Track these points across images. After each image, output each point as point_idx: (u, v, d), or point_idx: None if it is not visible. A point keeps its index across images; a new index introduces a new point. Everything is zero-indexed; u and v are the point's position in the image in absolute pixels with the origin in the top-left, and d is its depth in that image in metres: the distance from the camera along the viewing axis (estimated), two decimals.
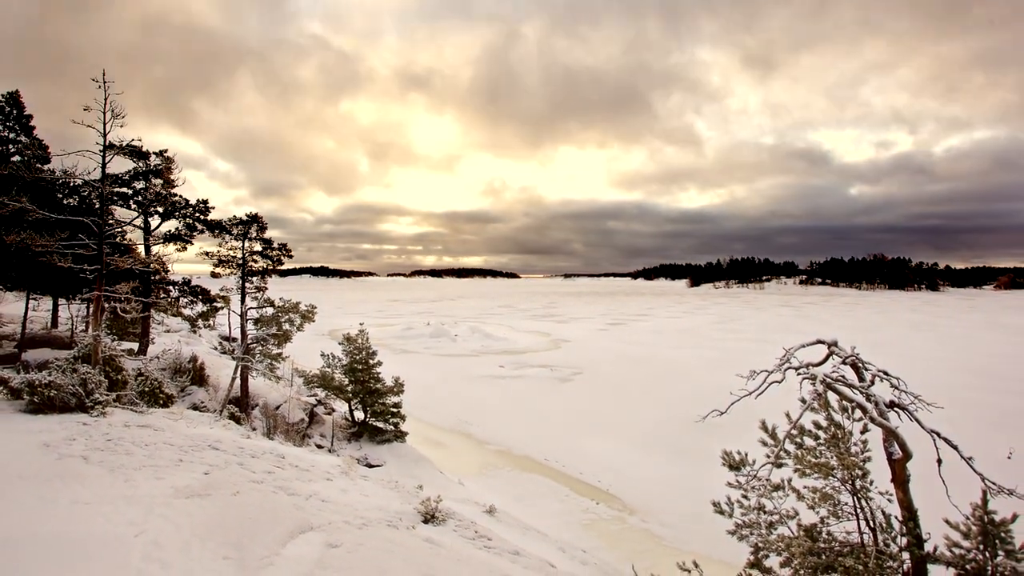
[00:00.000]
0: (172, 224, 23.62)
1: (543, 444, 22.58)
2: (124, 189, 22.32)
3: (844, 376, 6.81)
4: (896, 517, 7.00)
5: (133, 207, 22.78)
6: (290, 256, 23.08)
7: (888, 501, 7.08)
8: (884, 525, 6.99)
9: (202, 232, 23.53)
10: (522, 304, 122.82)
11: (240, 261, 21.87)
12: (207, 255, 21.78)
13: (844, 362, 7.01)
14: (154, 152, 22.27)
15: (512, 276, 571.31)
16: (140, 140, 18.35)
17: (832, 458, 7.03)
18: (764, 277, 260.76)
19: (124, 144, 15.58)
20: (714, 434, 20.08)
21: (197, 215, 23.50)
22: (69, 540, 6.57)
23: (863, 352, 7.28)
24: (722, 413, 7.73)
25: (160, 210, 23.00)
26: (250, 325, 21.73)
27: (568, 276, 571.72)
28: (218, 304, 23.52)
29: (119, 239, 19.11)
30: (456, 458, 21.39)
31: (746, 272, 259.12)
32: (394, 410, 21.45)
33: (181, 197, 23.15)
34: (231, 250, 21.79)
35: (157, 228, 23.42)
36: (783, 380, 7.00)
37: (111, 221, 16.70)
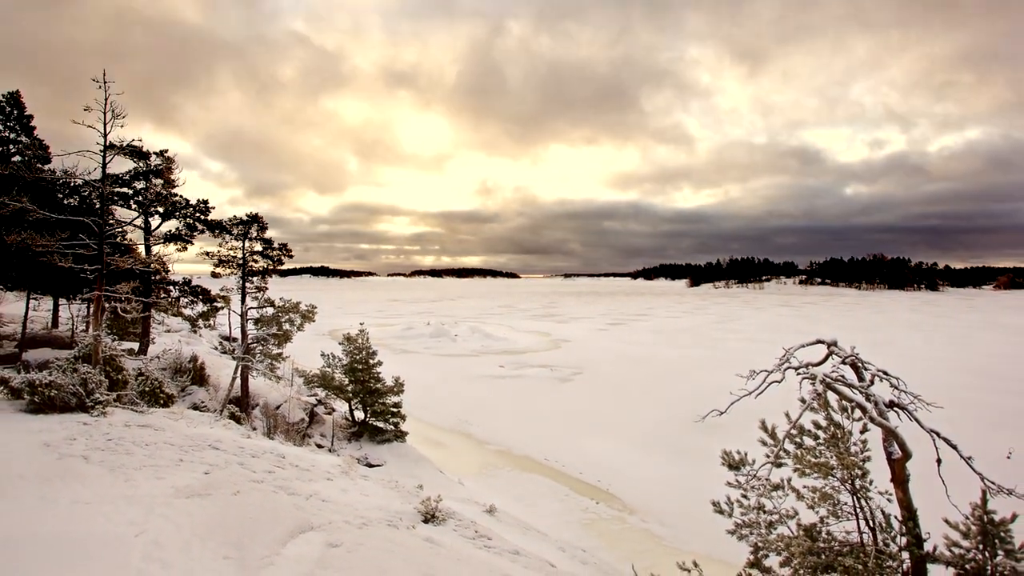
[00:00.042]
0: (172, 224, 23.67)
1: (543, 444, 22.59)
2: (124, 189, 22.35)
3: (844, 376, 6.82)
4: (896, 517, 7.01)
5: (133, 207, 22.80)
6: (290, 256, 23.11)
7: (888, 501, 7.09)
8: (884, 525, 7.00)
9: (202, 232, 23.55)
10: (522, 304, 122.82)
11: (240, 261, 21.89)
12: (207, 255, 21.80)
13: (844, 362, 7.02)
14: (154, 152, 22.30)
15: (512, 276, 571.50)
16: (140, 140, 18.38)
17: (832, 458, 7.05)
18: (764, 277, 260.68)
19: (124, 144, 15.60)
20: (714, 434, 20.10)
21: (197, 215, 23.52)
22: (70, 540, 6.58)
23: (863, 352, 7.29)
24: (722, 413, 7.74)
25: (160, 210, 23.02)
26: (250, 325, 21.75)
27: (568, 276, 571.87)
28: (218, 304, 23.53)
29: (119, 239, 19.13)
30: (456, 458, 21.40)
31: (746, 272, 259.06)
32: (394, 410, 21.47)
33: (181, 197, 23.18)
34: (231, 250, 21.82)
35: (157, 228, 23.44)
36: (783, 380, 7.01)
37: (111, 221, 16.71)
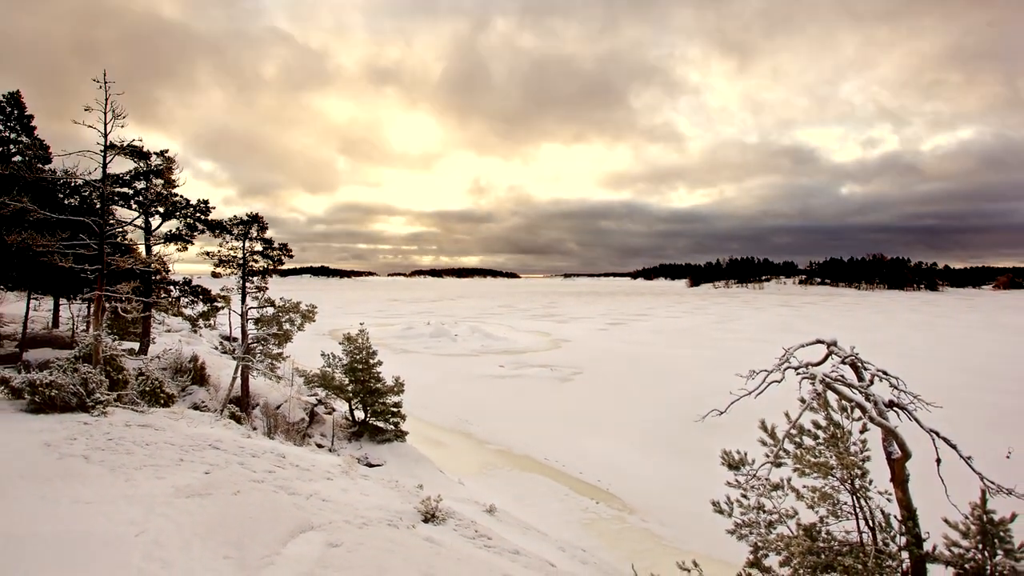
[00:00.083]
0: (173, 224, 23.70)
1: (543, 443, 22.59)
2: (125, 189, 22.36)
3: (843, 376, 6.83)
4: (895, 516, 7.01)
5: (134, 207, 22.81)
6: (290, 256, 23.12)
7: (887, 500, 7.09)
8: (883, 524, 7.01)
9: (203, 232, 23.57)
10: (522, 304, 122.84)
11: (241, 261, 21.90)
12: (208, 255, 21.82)
13: (843, 362, 7.02)
14: (155, 152, 22.31)
15: (512, 276, 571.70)
16: (141, 140, 18.39)
17: (831, 457, 7.05)
18: (763, 277, 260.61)
19: (125, 144, 15.61)
20: (714, 434, 20.10)
21: (198, 215, 23.54)
22: (70, 539, 6.59)
23: (862, 352, 7.30)
24: (722, 413, 7.75)
25: (161, 210, 23.04)
26: (251, 325, 21.76)
27: (568, 276, 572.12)
28: (219, 304, 23.55)
29: (120, 239, 19.14)
30: (456, 458, 21.41)
31: (745, 272, 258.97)
32: (394, 410, 21.47)
33: (182, 197, 23.20)
34: (232, 250, 21.82)
35: (158, 228, 23.47)
36: (782, 380, 7.02)
37: (112, 221, 16.72)
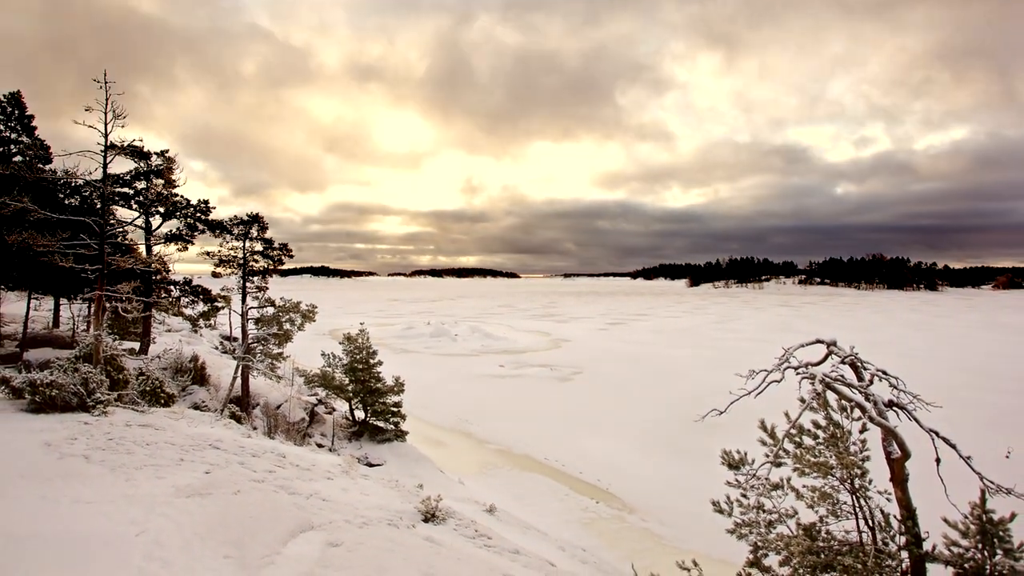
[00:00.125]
0: (173, 224, 23.71)
1: (543, 443, 22.60)
2: (125, 189, 22.38)
3: (843, 375, 6.84)
4: (895, 516, 7.03)
5: (134, 207, 22.83)
6: (291, 256, 23.13)
7: (887, 500, 7.11)
8: (883, 524, 7.02)
9: (203, 232, 23.58)
10: (522, 304, 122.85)
11: (241, 261, 21.90)
12: (208, 255, 21.81)
13: (843, 361, 7.03)
14: (155, 152, 22.33)
15: (512, 276, 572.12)
16: (141, 140, 18.40)
17: (831, 457, 7.07)
18: (763, 277, 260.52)
19: (125, 144, 15.61)
20: (713, 433, 20.12)
21: (198, 215, 23.55)
22: (71, 539, 6.59)
23: (862, 352, 7.31)
24: (721, 412, 7.76)
25: (161, 210, 23.05)
26: (251, 325, 21.76)
27: (568, 276, 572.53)
28: (219, 304, 23.56)
29: (120, 239, 19.14)
30: (456, 457, 21.42)
31: (745, 272, 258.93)
32: (394, 409, 21.48)
33: (182, 197, 23.22)
34: (232, 250, 21.82)
35: (158, 228, 23.49)
36: (782, 380, 7.03)
37: (112, 221, 16.71)
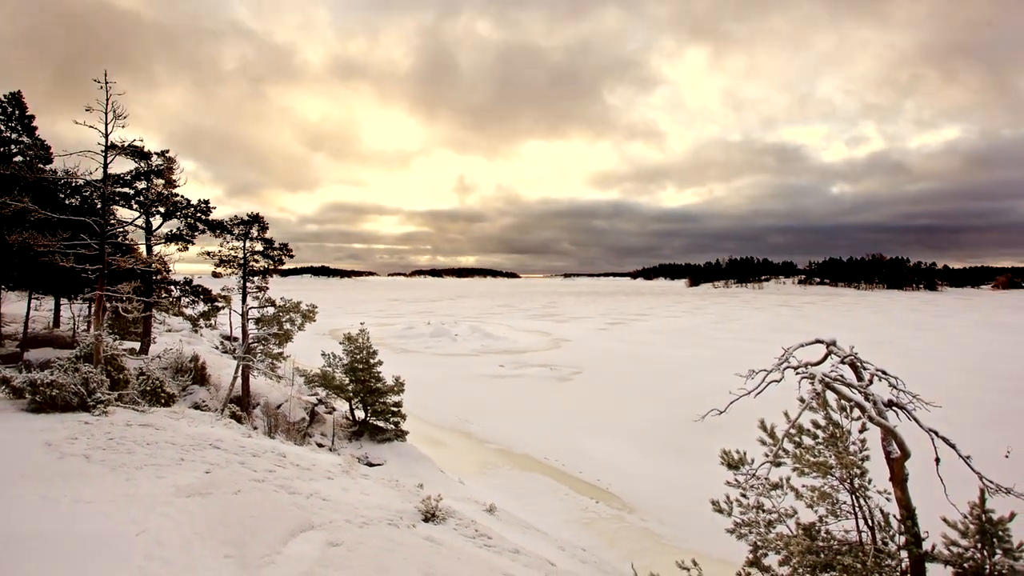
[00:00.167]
0: (173, 224, 23.70)
1: (543, 443, 22.62)
2: (126, 189, 22.39)
3: (843, 375, 6.84)
4: (894, 516, 7.03)
5: (135, 207, 22.84)
6: (291, 256, 23.14)
7: (886, 500, 7.11)
8: (882, 524, 7.03)
9: (203, 232, 23.58)
10: (522, 304, 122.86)
11: (241, 261, 21.91)
12: (208, 255, 21.82)
13: (843, 361, 7.04)
14: (156, 152, 22.34)
15: (512, 276, 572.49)
16: (142, 140, 18.41)
17: (830, 457, 7.08)
18: (763, 277, 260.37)
19: (126, 144, 15.62)
20: (713, 433, 20.13)
21: (198, 215, 23.56)
22: (71, 538, 6.60)
23: (861, 351, 7.32)
24: (721, 412, 7.77)
25: (161, 210, 23.06)
26: (251, 324, 21.77)
27: (568, 276, 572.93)
28: (219, 304, 23.57)
29: (121, 239, 19.15)
30: (456, 457, 21.43)
31: (745, 272, 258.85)
32: (395, 409, 21.49)
33: (182, 197, 23.23)
34: (232, 250, 21.82)
35: (159, 228, 23.49)
36: (782, 379, 7.03)
37: (113, 221, 16.72)
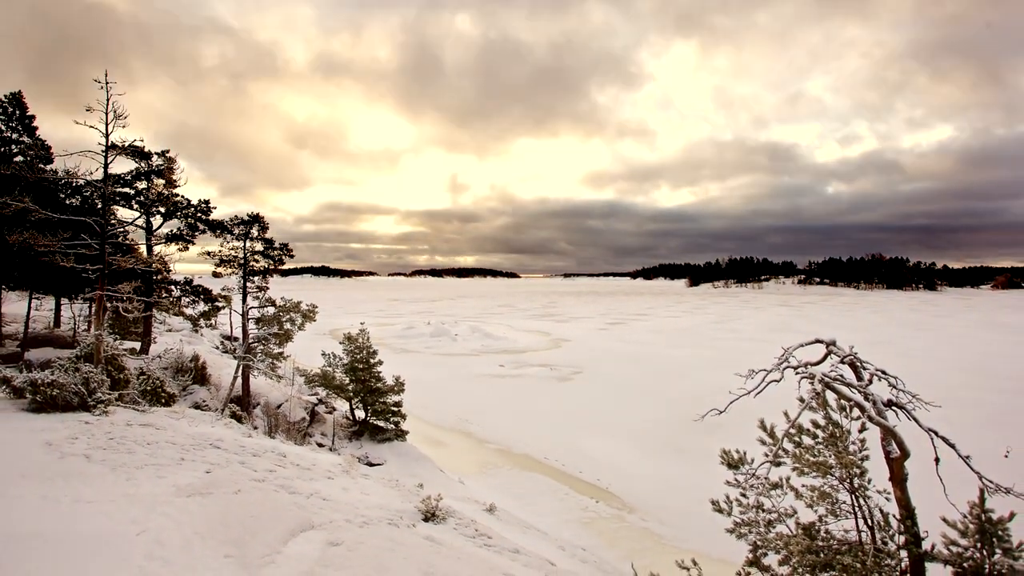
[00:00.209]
0: (174, 224, 23.71)
1: (543, 443, 22.63)
2: (126, 189, 22.40)
3: (842, 375, 6.85)
4: (894, 515, 7.04)
5: (135, 207, 22.85)
6: (291, 256, 23.14)
7: (886, 499, 7.12)
8: (882, 523, 7.04)
9: (204, 232, 23.58)
10: (522, 304, 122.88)
11: (242, 261, 21.92)
12: (209, 255, 21.82)
13: (842, 361, 7.05)
14: (156, 152, 22.36)
15: (512, 276, 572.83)
16: (142, 140, 18.41)
17: (830, 457, 7.09)
18: (762, 277, 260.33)
19: (127, 144, 15.63)
20: (713, 433, 20.15)
21: (199, 215, 23.57)
22: (72, 538, 6.60)
23: (861, 351, 7.33)
24: (721, 412, 7.78)
25: (162, 210, 23.07)
26: (252, 324, 21.77)
27: (568, 276, 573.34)
28: (220, 304, 23.56)
29: (121, 239, 19.16)
30: (456, 457, 21.44)
31: (744, 272, 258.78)
32: (395, 409, 21.50)
33: (183, 197, 23.24)
34: (233, 250, 21.83)
35: (159, 228, 23.50)
36: (782, 379, 7.05)
37: (113, 221, 16.72)
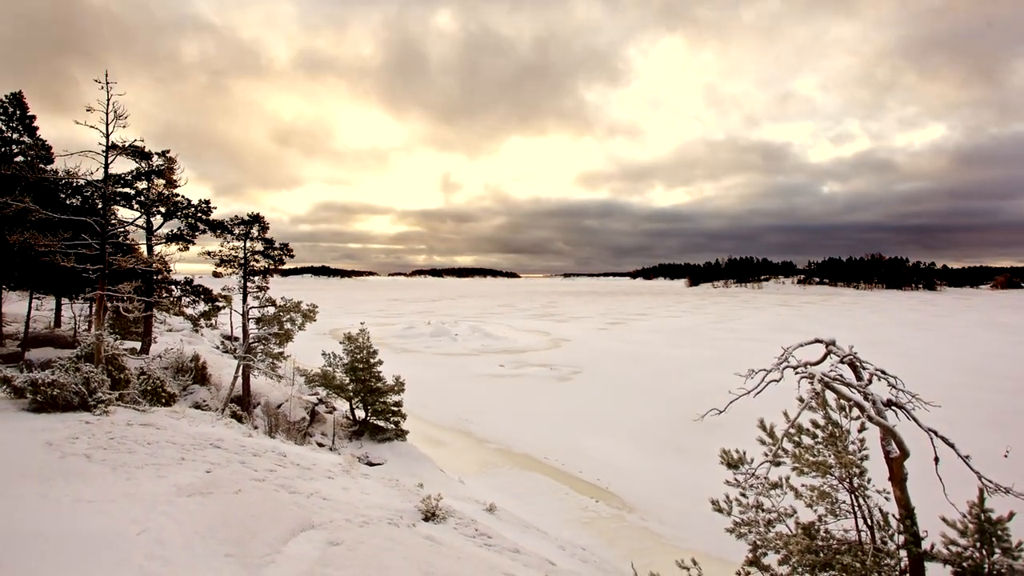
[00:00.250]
0: (174, 224, 23.72)
1: (543, 442, 22.64)
2: (126, 189, 22.41)
3: (842, 375, 6.86)
4: (893, 515, 7.05)
5: (135, 207, 22.86)
6: (292, 256, 23.15)
7: (886, 499, 7.13)
8: (882, 523, 7.05)
9: (204, 232, 23.59)
10: (522, 303, 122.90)
11: (242, 261, 21.92)
12: (209, 255, 21.82)
13: (842, 361, 7.06)
14: (156, 152, 22.36)
15: (512, 276, 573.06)
16: (143, 140, 18.43)
17: (830, 456, 7.10)
18: (762, 277, 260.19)
19: (127, 144, 15.63)
20: (713, 433, 20.16)
21: (199, 215, 23.57)
22: (72, 538, 6.61)
23: (861, 351, 7.34)
24: (721, 412, 7.78)
25: (162, 210, 23.08)
26: (252, 324, 21.78)
27: (567, 276, 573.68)
28: (220, 303, 23.57)
29: (121, 239, 19.16)
30: (456, 456, 21.45)
31: (744, 271, 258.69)
32: (395, 409, 21.51)
33: (183, 197, 23.25)
34: (233, 250, 21.83)
35: (159, 228, 23.51)
36: (781, 379, 7.05)
37: (113, 221, 16.73)
